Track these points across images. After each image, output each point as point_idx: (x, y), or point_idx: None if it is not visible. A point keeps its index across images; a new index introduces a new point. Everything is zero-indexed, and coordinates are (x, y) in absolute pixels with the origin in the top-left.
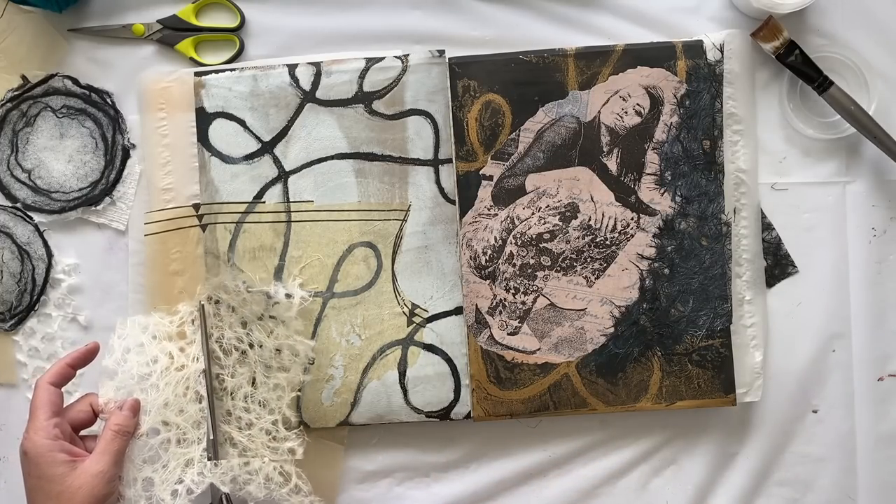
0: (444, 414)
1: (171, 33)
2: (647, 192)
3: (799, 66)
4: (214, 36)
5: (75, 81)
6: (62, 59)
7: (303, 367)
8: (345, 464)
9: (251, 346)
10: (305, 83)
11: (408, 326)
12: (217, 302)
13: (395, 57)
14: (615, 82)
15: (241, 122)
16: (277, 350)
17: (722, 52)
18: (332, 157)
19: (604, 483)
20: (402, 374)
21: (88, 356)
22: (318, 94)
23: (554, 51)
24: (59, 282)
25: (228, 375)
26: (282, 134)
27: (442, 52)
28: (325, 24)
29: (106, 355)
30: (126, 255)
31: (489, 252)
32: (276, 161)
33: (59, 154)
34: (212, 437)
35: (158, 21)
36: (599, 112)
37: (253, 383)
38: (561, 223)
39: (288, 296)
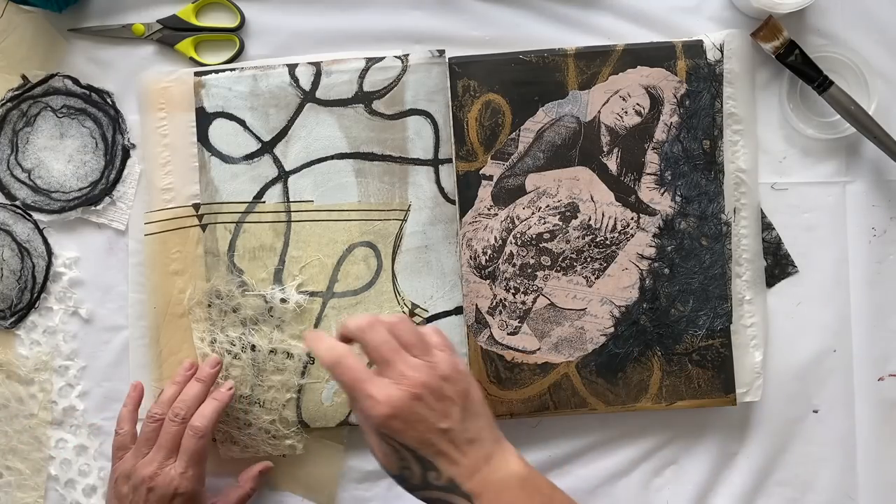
0: None
1: (171, 33)
2: (647, 191)
3: (799, 66)
4: (214, 36)
5: (75, 81)
6: (62, 59)
7: (298, 369)
8: (345, 464)
9: (243, 349)
10: (305, 83)
11: None
12: (209, 306)
13: (395, 57)
14: (615, 82)
15: (241, 122)
16: (272, 352)
17: (722, 52)
18: (332, 157)
19: (604, 483)
20: None
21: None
22: (318, 94)
23: (554, 51)
24: (59, 275)
25: (221, 378)
26: (282, 134)
27: (442, 52)
28: (325, 24)
29: None
30: (126, 255)
31: (489, 252)
32: (276, 161)
33: (59, 154)
34: None
35: (158, 21)
36: (599, 112)
37: (249, 386)
38: (561, 223)
39: (283, 300)
